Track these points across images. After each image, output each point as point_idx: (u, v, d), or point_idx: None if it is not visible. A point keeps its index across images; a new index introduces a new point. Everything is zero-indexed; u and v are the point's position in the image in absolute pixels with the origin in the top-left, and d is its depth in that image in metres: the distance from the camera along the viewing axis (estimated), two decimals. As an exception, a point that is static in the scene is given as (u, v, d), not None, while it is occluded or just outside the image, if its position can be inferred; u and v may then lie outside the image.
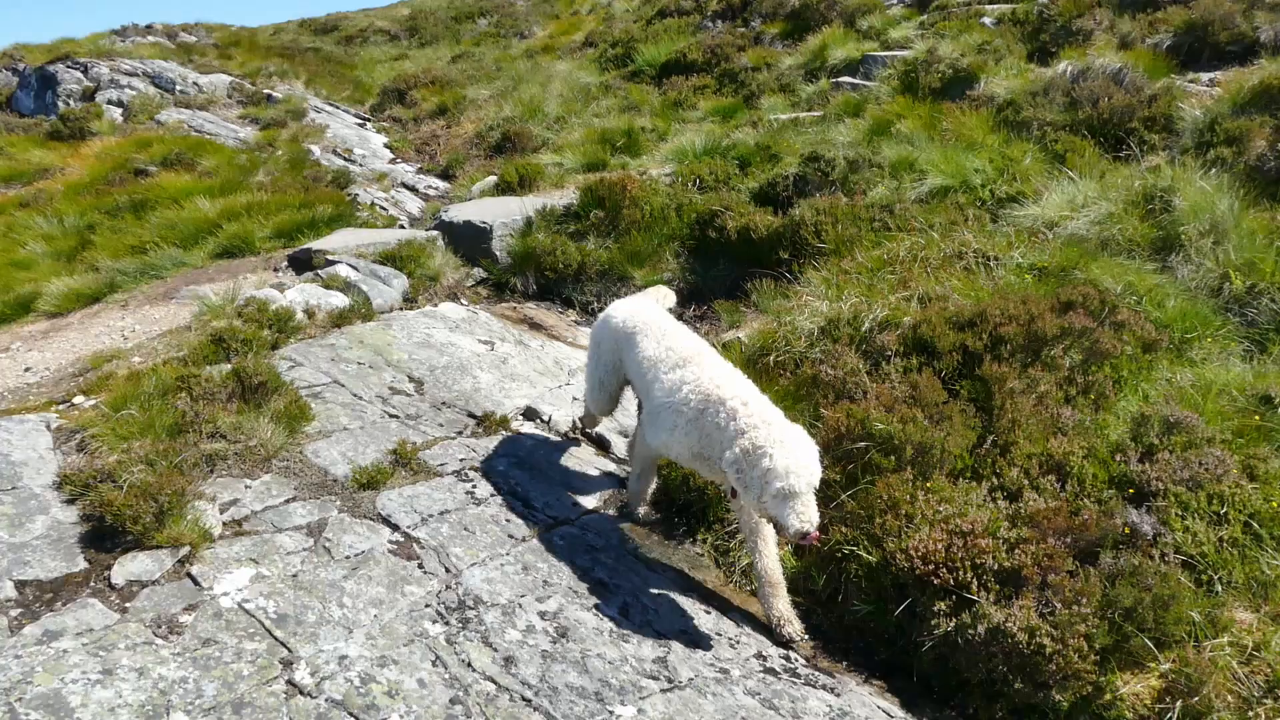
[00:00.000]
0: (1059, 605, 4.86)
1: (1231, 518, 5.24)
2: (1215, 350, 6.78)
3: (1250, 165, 8.72)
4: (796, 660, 5.12)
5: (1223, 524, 5.23)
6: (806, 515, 4.50)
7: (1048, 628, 4.77)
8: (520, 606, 4.97)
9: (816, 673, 5.05)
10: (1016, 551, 5.04)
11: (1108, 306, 6.77)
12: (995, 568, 5.01)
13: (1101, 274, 7.39)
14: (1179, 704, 4.59)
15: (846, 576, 5.40)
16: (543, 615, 4.95)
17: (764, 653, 5.10)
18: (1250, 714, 4.51)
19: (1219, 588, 5.03)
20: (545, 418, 7.27)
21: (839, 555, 5.46)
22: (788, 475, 4.49)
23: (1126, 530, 5.20)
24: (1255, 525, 5.22)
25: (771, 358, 7.14)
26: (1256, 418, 5.97)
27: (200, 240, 11.18)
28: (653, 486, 6.13)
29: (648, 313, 5.94)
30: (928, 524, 5.24)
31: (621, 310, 6.09)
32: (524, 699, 4.34)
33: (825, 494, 5.52)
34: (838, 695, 4.86)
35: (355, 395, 7.01)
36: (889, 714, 4.76)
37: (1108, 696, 4.78)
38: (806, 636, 5.26)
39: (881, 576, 5.23)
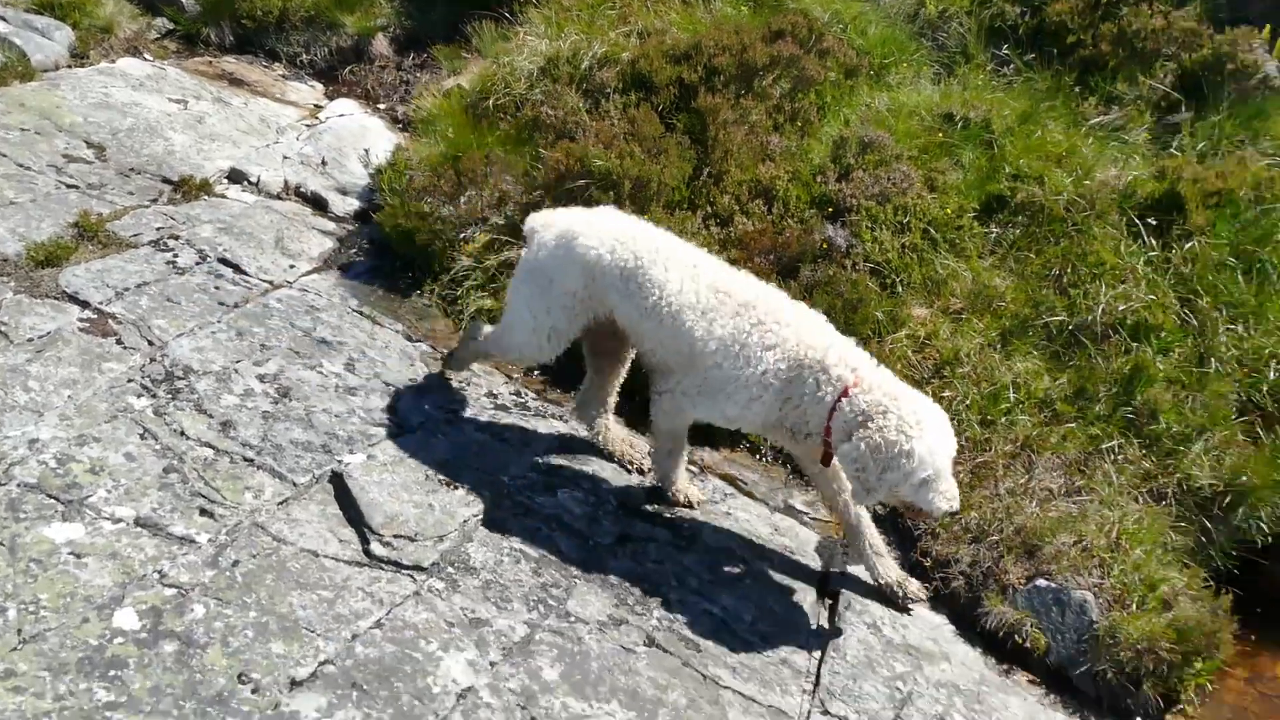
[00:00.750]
0: (763, 317, 5.25)
1: (913, 226, 5.75)
2: (909, 74, 7.16)
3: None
4: (527, 395, 5.30)
5: (906, 232, 5.73)
6: (952, 492, 3.89)
7: (753, 338, 5.16)
8: (236, 372, 4.78)
9: (546, 404, 5.26)
10: (726, 272, 5.33)
11: (815, 34, 6.93)
12: (707, 289, 5.29)
13: (811, 3, 7.50)
14: (863, 392, 5.17)
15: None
16: (262, 378, 4.79)
17: (494, 391, 5.23)
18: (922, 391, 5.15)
19: (900, 289, 5.58)
20: (253, 179, 6.74)
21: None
22: (933, 458, 3.80)
23: (824, 245, 5.60)
24: (932, 231, 5.77)
25: (492, 101, 6.87)
26: (940, 134, 6.46)
27: None
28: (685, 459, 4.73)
29: (648, 237, 4.31)
30: (645, 254, 5.41)
31: (599, 233, 4.28)
32: (245, 459, 4.26)
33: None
34: (565, 422, 5.11)
35: (21, 165, 6.17)
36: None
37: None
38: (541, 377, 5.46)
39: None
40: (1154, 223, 5.61)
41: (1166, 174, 5.80)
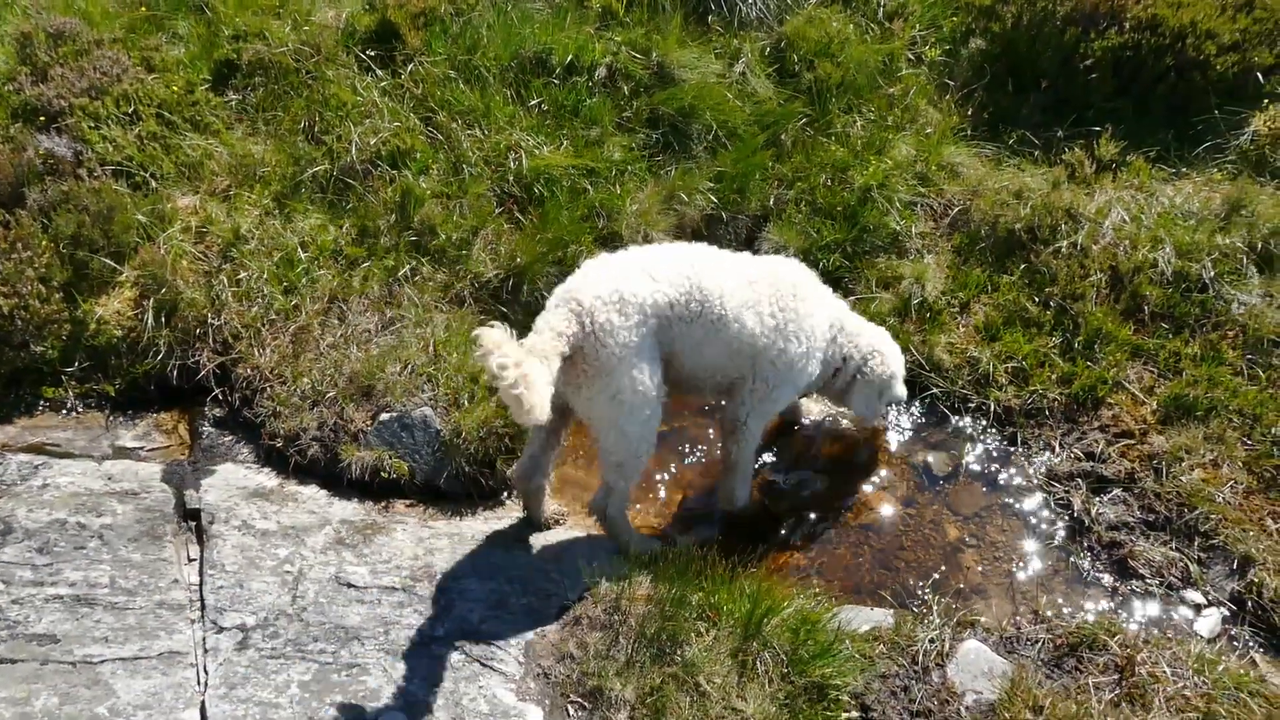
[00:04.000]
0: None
1: (144, 114, 5.27)
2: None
3: None
4: None
5: (138, 122, 5.24)
6: None
7: (-4, 288, 4.44)
8: None
9: None
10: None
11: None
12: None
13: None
14: (152, 301, 4.79)
15: None
16: None
17: None
18: (214, 282, 4.93)
19: (155, 183, 5.15)
20: None
21: None
22: None
23: (46, 159, 4.90)
24: (167, 114, 5.35)
25: None
26: (143, 9, 5.92)
27: None
28: None
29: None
30: None
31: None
32: None
33: None
34: None
35: None
36: None
37: (92, 326, 4.76)
38: None
39: None
40: (378, 54, 5.84)
41: (375, 4, 6.02)
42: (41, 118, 5.11)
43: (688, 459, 4.96)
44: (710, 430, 5.03)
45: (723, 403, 4.50)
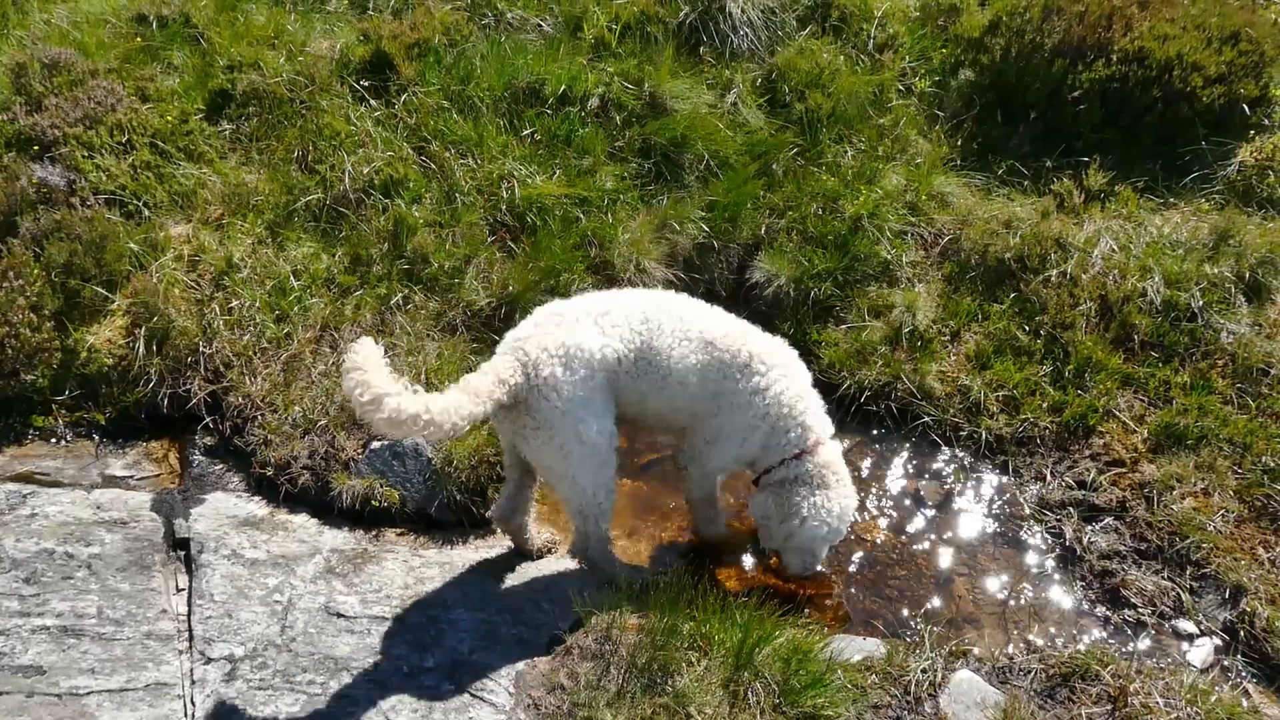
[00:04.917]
0: None
1: (138, 143, 5.30)
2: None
3: None
4: None
5: (131, 151, 5.27)
6: None
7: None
8: None
9: None
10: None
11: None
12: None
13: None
14: (143, 329, 4.79)
15: None
16: None
17: None
18: (205, 310, 4.93)
19: (148, 212, 5.17)
20: None
21: None
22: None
23: (40, 189, 4.92)
24: (161, 143, 5.38)
25: None
26: (138, 39, 5.96)
27: None
28: None
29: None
30: None
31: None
32: None
33: None
34: None
35: None
36: None
37: (83, 355, 4.76)
38: None
39: None
40: (372, 84, 5.89)
41: (370, 35, 6.07)
42: (35, 147, 5.13)
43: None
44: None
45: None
